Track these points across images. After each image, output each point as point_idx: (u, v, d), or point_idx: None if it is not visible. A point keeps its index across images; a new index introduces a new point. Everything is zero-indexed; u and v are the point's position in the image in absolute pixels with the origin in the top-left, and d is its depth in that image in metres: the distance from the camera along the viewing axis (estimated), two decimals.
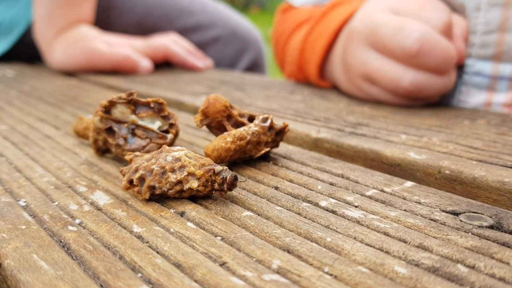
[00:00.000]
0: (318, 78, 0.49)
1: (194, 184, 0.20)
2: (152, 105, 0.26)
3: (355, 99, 0.43)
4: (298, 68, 0.52)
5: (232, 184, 0.20)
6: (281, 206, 0.20)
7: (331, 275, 0.15)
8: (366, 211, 0.20)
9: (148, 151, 0.25)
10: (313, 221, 0.19)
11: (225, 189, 0.20)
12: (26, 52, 0.77)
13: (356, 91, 0.43)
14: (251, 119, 0.26)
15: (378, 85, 0.40)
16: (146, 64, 0.65)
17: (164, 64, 0.71)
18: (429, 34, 0.35)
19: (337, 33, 0.45)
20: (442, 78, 0.37)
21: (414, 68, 0.37)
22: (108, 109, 0.25)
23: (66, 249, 0.17)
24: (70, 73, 0.67)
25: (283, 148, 0.29)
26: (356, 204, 0.20)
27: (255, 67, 0.88)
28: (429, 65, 0.36)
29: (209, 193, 0.21)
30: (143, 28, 0.79)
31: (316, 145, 0.30)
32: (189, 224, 0.19)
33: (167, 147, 0.22)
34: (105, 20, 0.76)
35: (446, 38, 0.37)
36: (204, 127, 0.30)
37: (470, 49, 0.40)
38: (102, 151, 0.27)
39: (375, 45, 0.38)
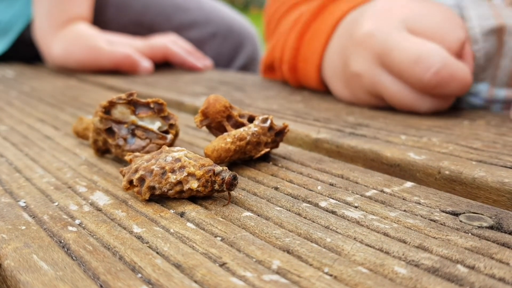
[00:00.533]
0: (318, 80, 0.45)
1: (194, 184, 0.20)
2: (152, 105, 0.26)
3: None
4: (291, 67, 0.48)
5: (231, 184, 0.20)
6: (281, 207, 0.20)
7: (331, 275, 0.15)
8: (366, 212, 0.20)
9: (148, 152, 0.25)
10: (313, 222, 0.19)
11: (224, 189, 0.20)
12: (26, 51, 0.77)
13: (354, 99, 0.41)
14: (251, 119, 0.26)
15: (388, 103, 0.38)
16: (146, 64, 0.65)
17: (164, 65, 0.71)
18: (447, 64, 0.33)
19: (335, 30, 0.43)
20: (453, 98, 0.37)
21: (431, 96, 0.36)
22: (108, 109, 0.25)
23: (66, 249, 0.17)
24: (69, 71, 0.67)
25: (283, 148, 0.29)
26: (356, 204, 0.20)
27: (252, 62, 0.88)
28: (447, 93, 0.35)
29: (209, 194, 0.21)
30: (140, 25, 0.79)
31: (316, 145, 0.30)
32: (189, 224, 0.19)
33: (167, 148, 0.22)
34: (102, 17, 0.76)
35: (460, 57, 0.36)
36: (204, 128, 0.30)
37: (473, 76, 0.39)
38: (102, 151, 0.27)
39: (388, 68, 0.36)
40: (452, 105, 0.41)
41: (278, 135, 0.26)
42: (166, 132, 0.26)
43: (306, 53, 0.46)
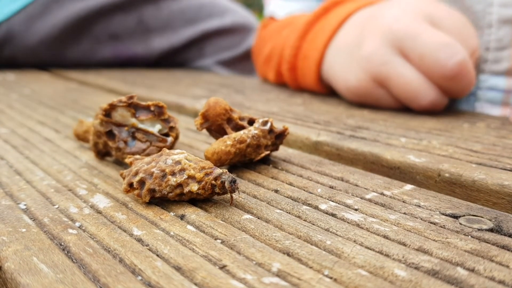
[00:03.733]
0: (316, 76, 0.45)
1: (194, 187, 0.20)
2: (152, 108, 0.26)
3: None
4: (290, 67, 0.48)
5: (233, 188, 0.20)
6: (281, 209, 0.20)
7: (330, 278, 0.15)
8: (366, 214, 0.20)
9: (148, 154, 0.25)
10: (313, 224, 0.19)
11: (227, 192, 0.20)
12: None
13: (354, 86, 0.40)
14: (251, 122, 0.26)
15: (390, 90, 0.38)
16: None
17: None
18: (467, 60, 0.34)
19: (341, 25, 0.43)
20: (448, 98, 0.37)
21: (438, 88, 0.36)
22: (108, 112, 0.25)
23: (66, 252, 0.17)
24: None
25: (283, 151, 0.29)
26: (355, 207, 0.20)
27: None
28: (454, 89, 0.35)
29: (209, 196, 0.21)
30: None
31: (316, 148, 0.30)
32: (189, 227, 0.19)
33: (167, 150, 0.22)
34: None
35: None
36: (204, 130, 0.30)
37: (483, 65, 0.40)
38: (102, 154, 0.27)
39: (406, 52, 0.36)
40: (449, 105, 0.41)
41: (278, 137, 0.26)
42: (166, 135, 0.26)
43: (307, 51, 0.46)
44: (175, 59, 0.80)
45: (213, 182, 0.20)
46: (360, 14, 0.42)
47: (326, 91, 0.47)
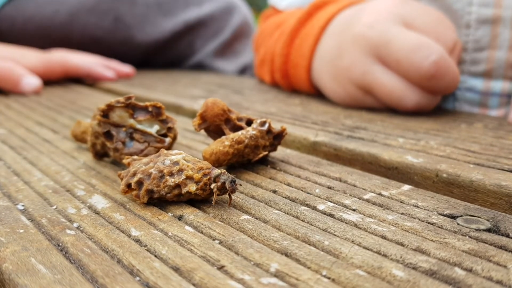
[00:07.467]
0: (308, 83, 0.46)
1: (192, 187, 0.20)
2: (150, 109, 0.26)
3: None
4: (282, 75, 0.49)
5: (233, 188, 0.20)
6: (279, 210, 0.20)
7: (328, 278, 0.15)
8: (364, 215, 0.20)
9: (146, 155, 0.25)
10: (311, 225, 0.19)
11: (227, 193, 0.20)
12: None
13: (343, 96, 0.41)
14: (249, 122, 0.26)
15: (376, 97, 0.38)
16: (31, 81, 0.53)
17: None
18: (445, 57, 0.34)
19: (324, 31, 0.44)
20: (437, 97, 0.37)
21: (421, 89, 0.36)
22: (106, 113, 0.25)
23: (64, 252, 0.17)
24: None
25: (281, 151, 0.29)
26: (353, 207, 0.20)
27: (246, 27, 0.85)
28: (437, 88, 0.35)
29: (208, 197, 0.21)
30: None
31: (314, 148, 0.30)
32: (187, 227, 0.19)
33: (165, 151, 0.22)
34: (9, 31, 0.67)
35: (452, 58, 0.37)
36: (202, 131, 0.30)
37: (462, 65, 0.40)
38: (100, 155, 0.27)
39: (383, 59, 0.36)
40: (438, 106, 0.42)
41: (276, 138, 0.26)
42: (164, 135, 0.26)
43: (295, 59, 0.46)
44: (166, 56, 0.78)
45: (212, 182, 0.20)
46: (338, 20, 0.42)
47: (322, 93, 0.47)
